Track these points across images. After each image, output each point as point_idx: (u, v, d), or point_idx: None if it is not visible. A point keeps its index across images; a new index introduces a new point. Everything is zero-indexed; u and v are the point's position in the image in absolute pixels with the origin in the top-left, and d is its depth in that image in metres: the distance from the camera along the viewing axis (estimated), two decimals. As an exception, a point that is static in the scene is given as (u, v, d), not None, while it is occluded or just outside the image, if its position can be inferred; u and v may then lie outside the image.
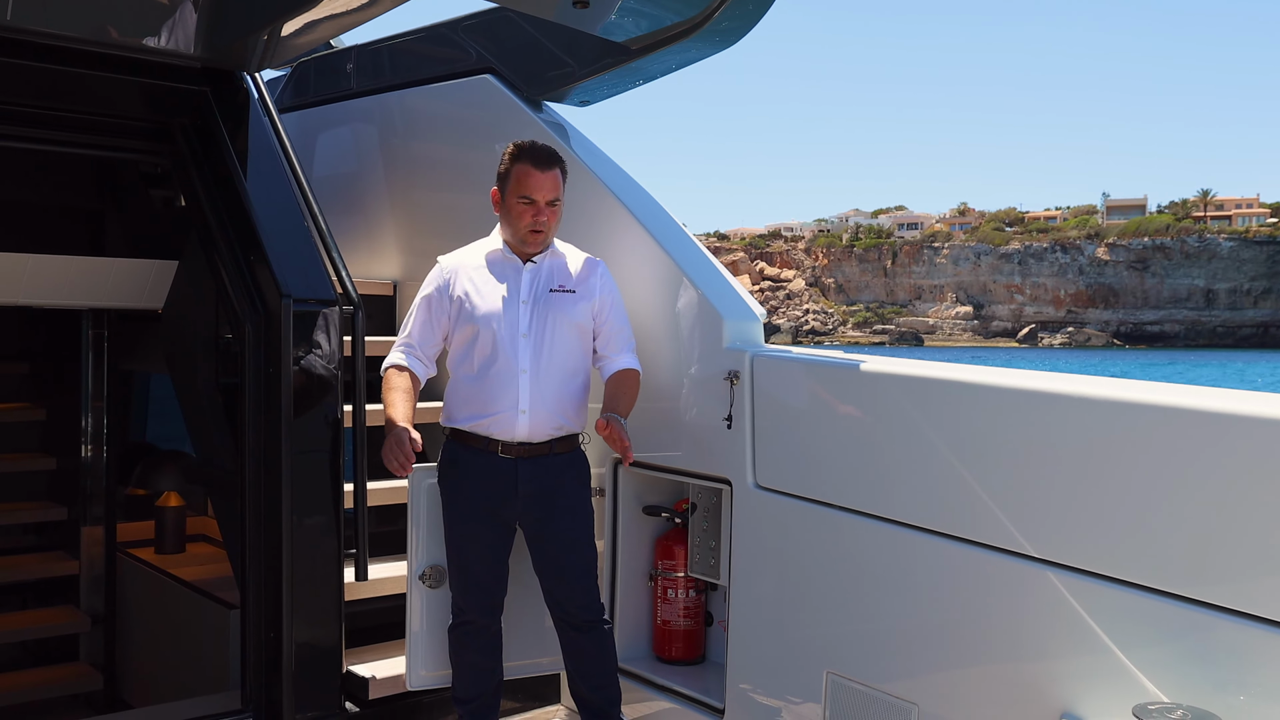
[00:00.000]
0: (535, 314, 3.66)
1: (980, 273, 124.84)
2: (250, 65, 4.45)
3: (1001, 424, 2.98)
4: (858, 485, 3.36)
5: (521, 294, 3.68)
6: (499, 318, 3.64)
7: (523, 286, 3.69)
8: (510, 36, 4.71)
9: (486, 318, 3.64)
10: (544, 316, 3.67)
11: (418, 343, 3.76)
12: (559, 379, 3.67)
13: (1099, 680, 2.73)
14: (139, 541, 6.01)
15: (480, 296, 3.68)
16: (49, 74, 4.03)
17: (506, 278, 3.71)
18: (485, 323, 3.64)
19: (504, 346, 3.62)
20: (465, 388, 3.70)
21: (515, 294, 3.69)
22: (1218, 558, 2.55)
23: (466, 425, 3.67)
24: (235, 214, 4.07)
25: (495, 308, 3.66)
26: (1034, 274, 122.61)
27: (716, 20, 3.82)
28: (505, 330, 3.63)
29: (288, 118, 5.58)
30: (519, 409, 3.61)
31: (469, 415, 3.67)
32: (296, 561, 3.76)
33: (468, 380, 3.69)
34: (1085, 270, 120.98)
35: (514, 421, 3.62)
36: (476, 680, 3.74)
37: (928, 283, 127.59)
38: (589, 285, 3.76)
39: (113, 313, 5.93)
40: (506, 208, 3.71)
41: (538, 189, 3.64)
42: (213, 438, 4.51)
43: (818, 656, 3.45)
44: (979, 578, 3.01)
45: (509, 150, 3.72)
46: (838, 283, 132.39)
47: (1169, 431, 2.64)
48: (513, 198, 3.67)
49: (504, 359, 3.62)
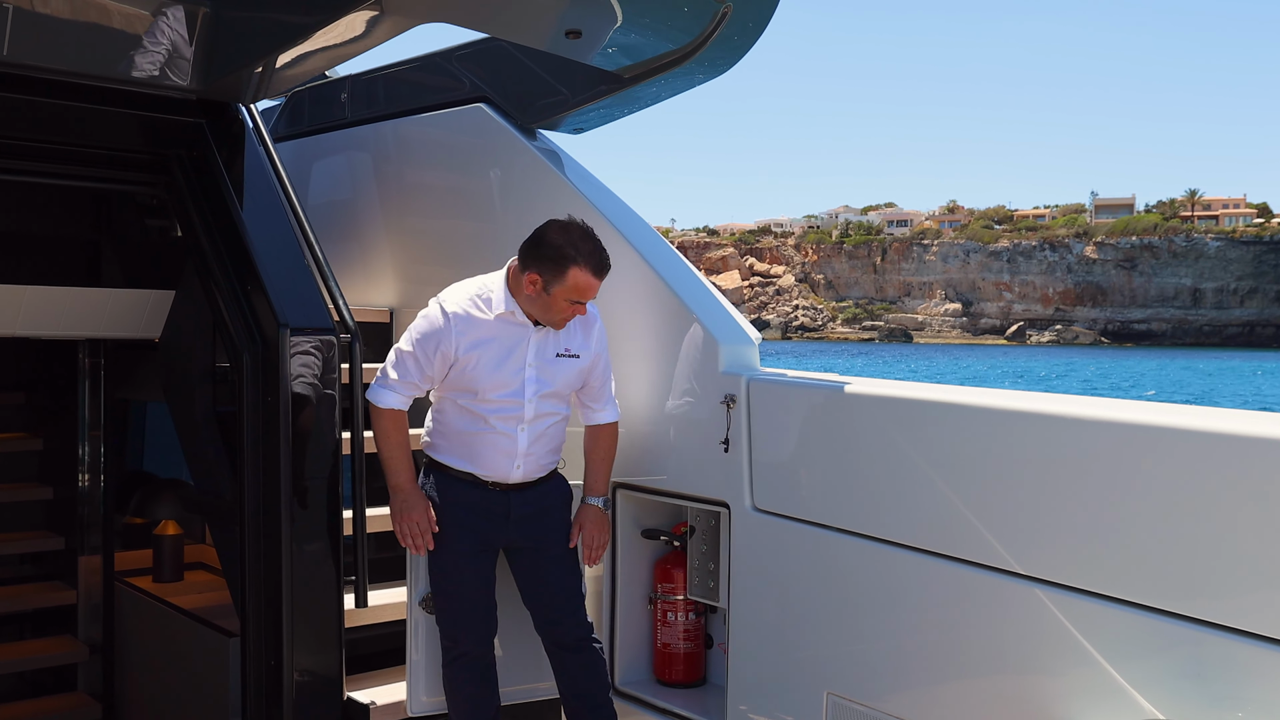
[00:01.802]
0: (539, 379, 3.65)
1: (969, 270, 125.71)
2: (245, 97, 4.48)
3: (995, 445, 3.02)
4: (855, 507, 3.38)
5: (528, 357, 3.64)
6: (503, 387, 3.61)
7: (530, 351, 3.64)
8: (503, 65, 4.75)
9: (490, 387, 3.61)
10: (547, 380, 3.66)
11: (414, 384, 3.67)
12: (552, 429, 3.74)
13: (1096, 698, 2.75)
14: (137, 570, 5.99)
15: (486, 368, 3.59)
16: (46, 107, 4.06)
17: (515, 346, 3.62)
18: (487, 390, 3.61)
19: (503, 409, 3.63)
20: (457, 433, 3.69)
21: (521, 361, 3.63)
22: (1211, 574, 2.58)
23: (455, 466, 3.70)
24: (231, 243, 4.09)
25: (500, 380, 3.61)
26: (1022, 272, 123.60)
27: (709, 48, 3.85)
28: (508, 396, 3.62)
29: (283, 147, 5.61)
30: (514, 463, 3.67)
31: (459, 459, 3.70)
32: (296, 589, 3.76)
33: (460, 425, 3.67)
34: (1073, 268, 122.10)
35: (508, 471, 3.68)
36: (475, 713, 3.74)
37: (917, 279, 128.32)
38: (588, 345, 3.75)
39: (110, 342, 5.94)
40: (548, 297, 3.53)
41: (587, 292, 3.54)
42: (210, 466, 4.51)
43: (817, 677, 3.47)
44: (976, 598, 3.04)
45: (564, 247, 3.48)
46: (827, 279, 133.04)
47: (1159, 450, 2.68)
48: (561, 297, 3.51)
49: (502, 420, 3.63)
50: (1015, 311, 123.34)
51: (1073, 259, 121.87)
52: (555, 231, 3.54)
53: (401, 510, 3.65)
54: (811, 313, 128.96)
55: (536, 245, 3.55)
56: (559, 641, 3.77)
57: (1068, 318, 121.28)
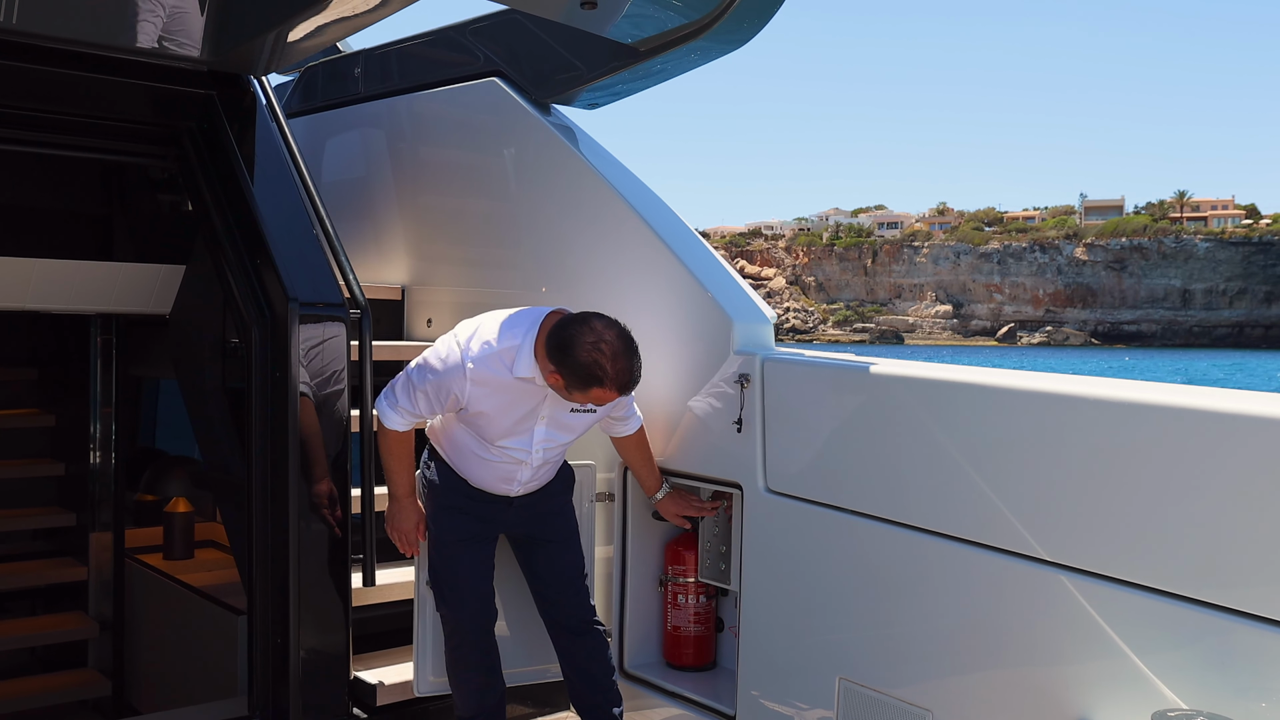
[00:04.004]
0: (549, 432, 3.55)
1: (960, 272, 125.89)
2: (257, 69, 4.43)
3: (1015, 426, 2.95)
4: (869, 489, 3.32)
5: (542, 411, 3.52)
6: (510, 435, 3.53)
7: (544, 408, 3.51)
8: (518, 39, 4.68)
9: (497, 435, 3.53)
10: (557, 433, 3.57)
11: (421, 415, 3.59)
12: (558, 455, 3.70)
13: (1116, 686, 2.68)
14: (147, 547, 6.00)
15: (495, 421, 3.49)
16: (55, 78, 4.01)
17: (529, 404, 3.49)
18: (495, 438, 3.54)
19: (512, 454, 3.56)
20: (460, 451, 3.62)
21: (534, 419, 3.52)
22: (1236, 561, 2.51)
23: (460, 473, 3.66)
24: (242, 218, 4.04)
25: (509, 430, 3.51)
26: (1013, 273, 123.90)
27: (725, 21, 3.80)
28: (515, 444, 3.55)
29: (296, 122, 5.57)
30: (513, 489, 3.65)
31: (461, 470, 3.65)
32: (303, 567, 3.74)
33: (465, 445, 3.60)
34: (1064, 270, 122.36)
35: (508, 492, 3.66)
36: (480, 696, 3.72)
37: (908, 281, 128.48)
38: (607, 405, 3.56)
39: (122, 318, 5.92)
40: (568, 394, 3.36)
41: (604, 402, 3.41)
42: (220, 443, 4.49)
43: (830, 662, 3.42)
44: (993, 582, 2.97)
45: (593, 369, 3.25)
46: (818, 281, 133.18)
47: (1186, 433, 2.60)
48: (578, 395, 3.34)
49: (508, 454, 3.57)
50: (1006, 313, 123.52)
51: (1063, 260, 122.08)
52: (585, 349, 3.25)
53: (395, 520, 3.74)
54: (803, 315, 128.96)
55: (563, 352, 3.29)
56: (562, 625, 3.75)
57: (1058, 319, 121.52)
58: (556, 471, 3.77)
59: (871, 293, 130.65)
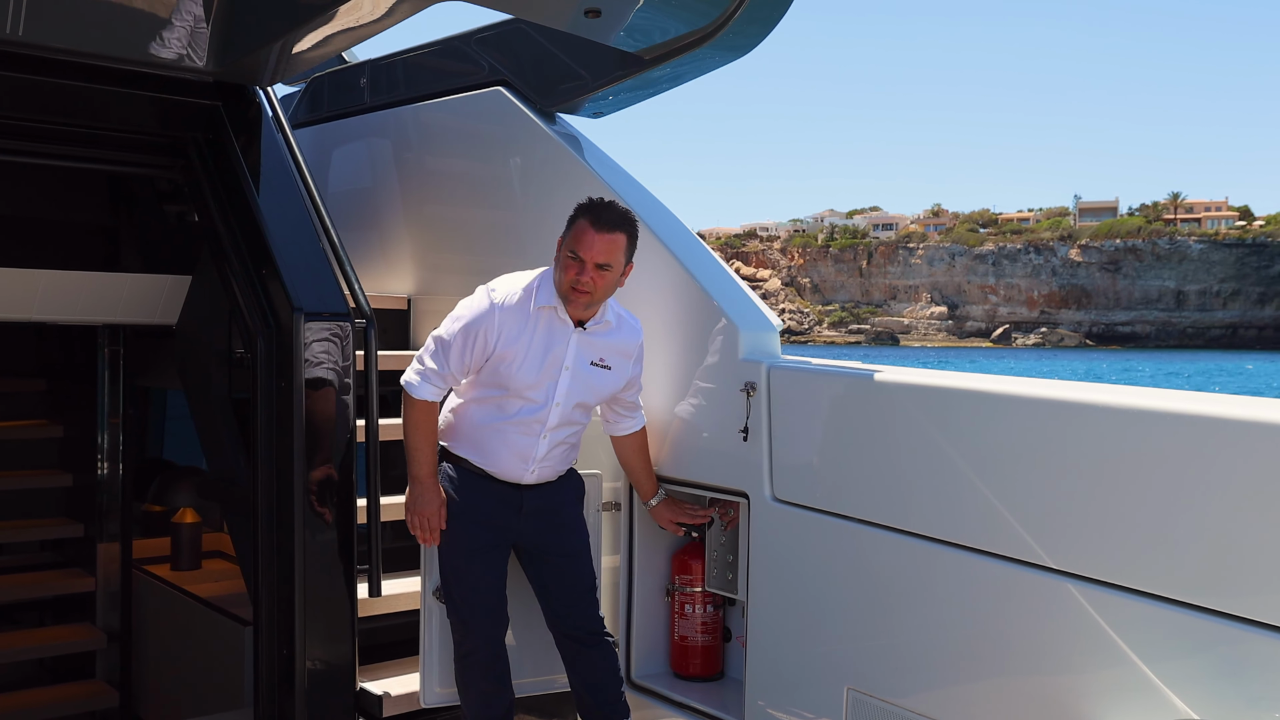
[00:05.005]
0: (570, 385, 3.60)
1: (955, 273, 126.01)
2: (263, 79, 4.44)
3: (1020, 434, 2.93)
4: (876, 498, 3.30)
5: (566, 359, 3.58)
6: (534, 388, 3.57)
7: (568, 354, 3.58)
8: (523, 48, 4.69)
9: (522, 387, 3.56)
10: (578, 388, 3.62)
11: (450, 375, 3.61)
12: (572, 438, 3.71)
13: (1126, 696, 2.66)
14: (155, 558, 6.00)
15: (522, 367, 3.54)
16: (62, 89, 4.03)
17: (553, 345, 3.56)
18: (519, 390, 3.57)
19: (531, 410, 3.59)
20: (476, 429, 3.64)
21: (557, 364, 3.58)
22: (1247, 568, 2.48)
23: (470, 460, 3.66)
24: (248, 228, 4.05)
25: (534, 381, 3.56)
26: (1008, 275, 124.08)
27: (730, 28, 3.79)
28: (538, 396, 3.58)
29: (302, 133, 5.58)
30: (528, 467, 3.63)
31: (475, 454, 3.65)
32: (309, 577, 3.73)
33: (481, 421, 3.63)
34: (1058, 271, 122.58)
35: (521, 473, 3.64)
36: (489, 706, 3.69)
37: (903, 283, 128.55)
38: (626, 366, 3.71)
39: (128, 329, 5.93)
40: (558, 255, 3.55)
41: (588, 248, 3.46)
42: (226, 453, 4.49)
43: (838, 672, 3.39)
44: (1001, 591, 2.95)
45: (581, 203, 3.58)
46: (813, 283, 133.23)
47: (1195, 439, 2.58)
48: (564, 249, 3.52)
49: (526, 420, 3.59)
50: (1000, 314, 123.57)
51: (1057, 262, 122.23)
52: None
53: (416, 503, 3.62)
54: (798, 316, 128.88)
55: None
56: (570, 636, 3.73)
57: (1053, 320, 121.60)
58: (566, 471, 3.76)
59: (866, 294, 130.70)
